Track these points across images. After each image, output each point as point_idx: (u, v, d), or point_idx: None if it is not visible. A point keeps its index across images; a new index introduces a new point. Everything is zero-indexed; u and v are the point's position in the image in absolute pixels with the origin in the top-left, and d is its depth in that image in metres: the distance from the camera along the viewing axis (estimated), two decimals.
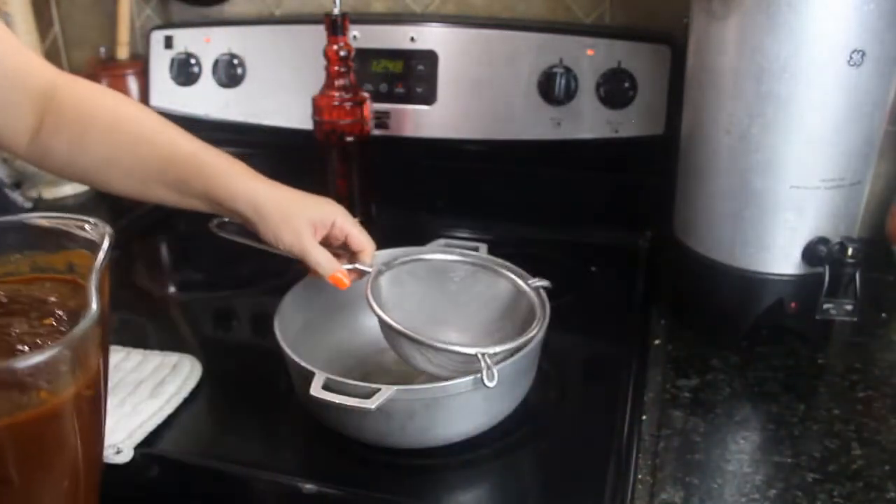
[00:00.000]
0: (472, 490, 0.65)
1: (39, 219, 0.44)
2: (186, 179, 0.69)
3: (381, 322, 0.68)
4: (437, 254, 0.77)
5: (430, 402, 0.62)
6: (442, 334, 0.76)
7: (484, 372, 0.60)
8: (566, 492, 0.63)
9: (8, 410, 0.32)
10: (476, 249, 0.82)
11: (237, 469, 0.66)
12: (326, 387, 0.62)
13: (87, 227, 0.43)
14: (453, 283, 0.77)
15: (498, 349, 0.63)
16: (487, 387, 0.60)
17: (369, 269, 0.73)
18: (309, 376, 0.63)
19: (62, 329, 0.40)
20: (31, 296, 0.43)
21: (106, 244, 0.42)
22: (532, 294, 0.71)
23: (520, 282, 0.73)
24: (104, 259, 0.41)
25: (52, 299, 0.43)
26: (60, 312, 0.42)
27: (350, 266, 0.73)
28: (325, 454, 0.69)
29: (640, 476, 0.65)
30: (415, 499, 0.63)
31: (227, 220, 0.75)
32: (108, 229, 0.43)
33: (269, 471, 0.66)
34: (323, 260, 0.71)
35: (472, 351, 0.63)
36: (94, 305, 0.37)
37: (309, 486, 0.63)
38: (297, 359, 0.65)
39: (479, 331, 0.76)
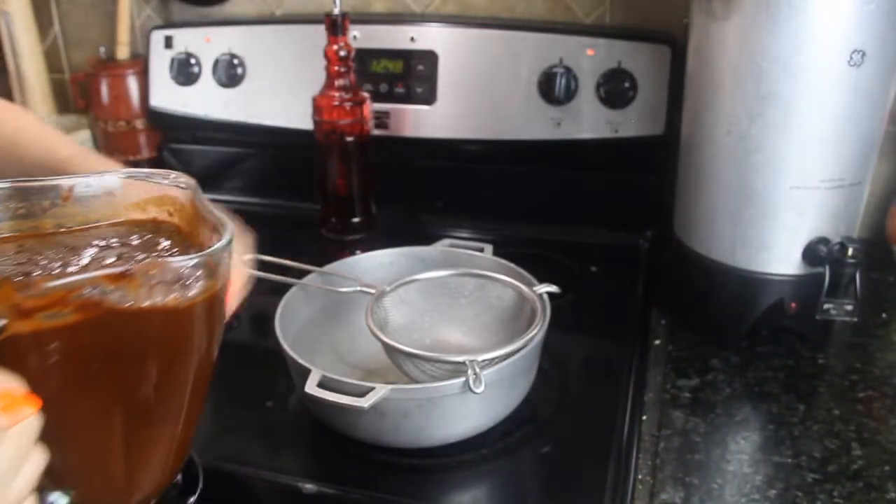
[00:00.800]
0: (471, 490, 0.65)
1: (126, 176, 0.50)
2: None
3: (374, 335, 0.68)
4: (441, 271, 0.77)
5: (423, 402, 0.62)
6: (445, 340, 0.76)
7: (471, 378, 0.60)
8: (566, 492, 0.63)
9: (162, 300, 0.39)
10: (481, 250, 0.82)
11: (237, 468, 0.66)
12: (322, 385, 0.62)
13: (171, 177, 0.49)
14: (460, 294, 0.78)
15: (488, 356, 0.63)
16: (475, 393, 0.60)
17: None
18: (306, 374, 0.63)
19: (171, 252, 0.47)
20: (129, 231, 0.49)
21: (195, 185, 0.49)
22: (535, 298, 0.71)
23: (524, 288, 0.73)
24: (200, 195, 0.48)
25: (148, 235, 0.48)
26: (165, 241, 0.48)
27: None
28: (324, 454, 0.69)
29: (640, 476, 0.65)
30: (414, 499, 0.63)
31: (247, 257, 0.76)
32: (190, 179, 0.49)
33: (268, 470, 0.66)
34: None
35: (460, 359, 0.63)
36: (229, 222, 0.43)
37: (308, 486, 0.63)
38: (294, 356, 0.65)
39: (481, 335, 0.76)
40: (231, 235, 0.42)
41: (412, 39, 1.06)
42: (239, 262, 0.54)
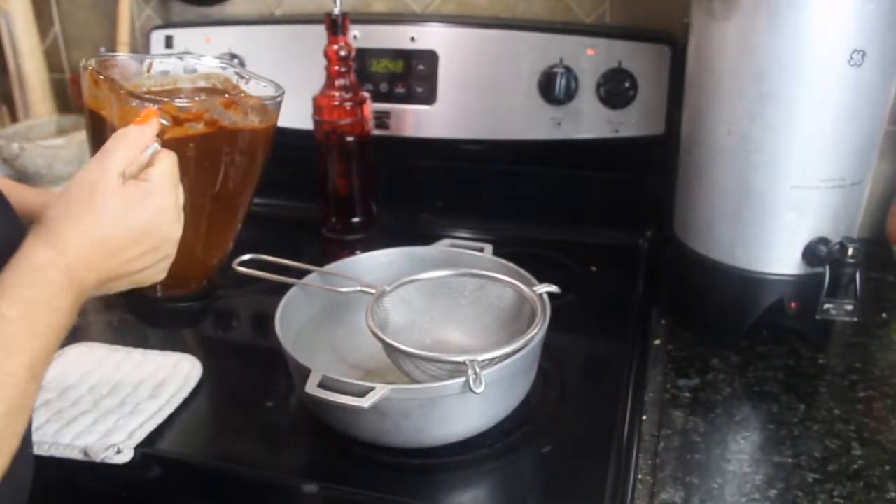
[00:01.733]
0: (471, 490, 0.65)
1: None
2: None
3: (375, 335, 0.68)
4: (441, 271, 0.77)
5: (424, 402, 0.63)
6: (445, 340, 0.76)
7: (471, 378, 0.60)
8: (566, 492, 0.63)
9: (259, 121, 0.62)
10: (481, 250, 0.82)
11: (237, 468, 0.66)
12: (322, 385, 0.62)
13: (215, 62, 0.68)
14: (460, 294, 0.78)
15: (487, 356, 0.63)
16: (475, 393, 0.60)
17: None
18: (306, 374, 0.63)
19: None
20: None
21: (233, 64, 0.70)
22: (535, 298, 0.71)
23: (524, 288, 0.73)
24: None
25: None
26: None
27: None
28: (325, 454, 0.69)
29: (640, 476, 0.65)
30: (415, 499, 0.63)
31: (248, 257, 0.77)
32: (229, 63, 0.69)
33: (269, 470, 0.67)
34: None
35: (460, 359, 0.63)
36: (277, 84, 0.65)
37: (308, 486, 0.63)
38: (294, 356, 0.65)
39: (481, 336, 0.76)
40: (282, 90, 0.64)
41: (412, 39, 1.06)
42: None
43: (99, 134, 0.58)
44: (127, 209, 0.52)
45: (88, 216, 0.50)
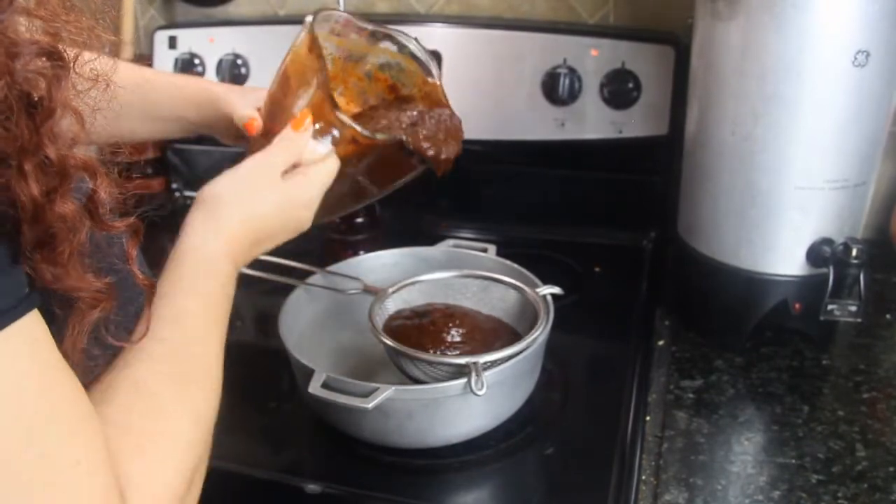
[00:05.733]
0: (474, 491, 0.65)
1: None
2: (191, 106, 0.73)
3: (378, 337, 0.68)
4: (444, 272, 0.77)
5: (427, 403, 0.63)
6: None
7: (472, 380, 0.60)
8: (570, 493, 0.63)
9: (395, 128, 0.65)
10: (484, 251, 0.82)
11: (240, 468, 0.66)
12: (326, 385, 0.62)
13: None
14: (463, 295, 0.77)
15: (490, 358, 0.63)
16: (477, 395, 0.60)
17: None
18: (310, 374, 0.63)
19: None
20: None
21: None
22: (538, 300, 0.71)
23: (527, 289, 0.73)
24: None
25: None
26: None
27: None
28: (328, 454, 0.69)
29: (643, 477, 0.65)
30: (418, 499, 0.63)
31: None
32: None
33: (272, 470, 0.67)
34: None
35: (462, 361, 0.63)
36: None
37: (312, 486, 0.63)
38: (297, 356, 0.66)
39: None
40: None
41: (416, 40, 1.05)
42: None
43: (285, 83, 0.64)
44: (285, 200, 0.58)
45: (251, 204, 0.56)
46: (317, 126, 0.61)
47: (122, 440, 0.41)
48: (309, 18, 0.62)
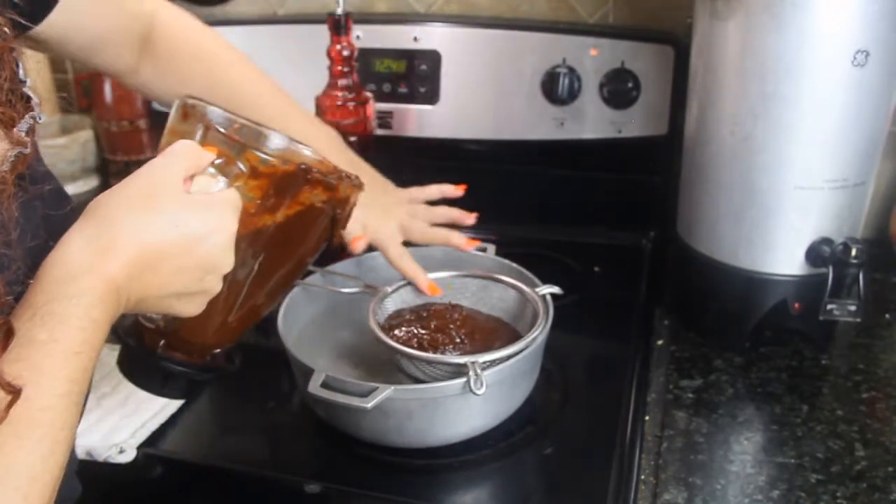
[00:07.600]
0: (474, 490, 0.65)
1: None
2: None
3: (377, 339, 0.68)
4: (443, 272, 0.77)
5: (427, 403, 0.63)
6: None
7: (472, 380, 0.60)
8: (569, 493, 0.63)
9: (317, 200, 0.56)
10: (484, 250, 0.82)
11: (239, 468, 0.66)
12: (325, 385, 0.62)
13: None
14: (462, 295, 0.78)
15: (489, 357, 0.63)
16: (476, 394, 0.60)
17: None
18: (309, 374, 0.63)
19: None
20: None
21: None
22: (538, 300, 0.71)
23: (526, 289, 0.73)
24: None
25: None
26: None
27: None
28: (327, 454, 0.69)
29: (643, 477, 0.65)
30: (417, 499, 0.63)
31: None
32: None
33: (271, 470, 0.66)
34: (420, 274, 0.76)
35: (461, 360, 0.63)
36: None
37: (311, 486, 0.63)
38: (297, 356, 0.65)
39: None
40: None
41: (415, 39, 1.06)
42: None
43: None
44: (185, 213, 0.47)
45: (145, 212, 0.46)
46: (217, 161, 0.52)
47: None
48: (178, 102, 0.55)
